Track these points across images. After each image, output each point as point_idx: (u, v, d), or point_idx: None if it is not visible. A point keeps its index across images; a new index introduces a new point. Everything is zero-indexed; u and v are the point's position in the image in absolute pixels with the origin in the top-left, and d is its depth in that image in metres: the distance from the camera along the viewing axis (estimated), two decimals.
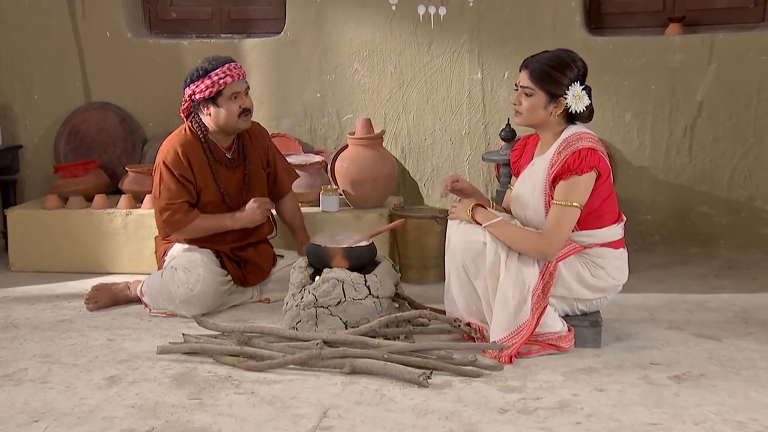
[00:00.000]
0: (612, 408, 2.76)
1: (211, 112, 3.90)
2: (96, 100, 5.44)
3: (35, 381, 3.05)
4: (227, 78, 3.84)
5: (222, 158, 4.02)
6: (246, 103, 3.93)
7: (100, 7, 5.36)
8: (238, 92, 3.89)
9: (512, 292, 3.22)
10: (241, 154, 4.08)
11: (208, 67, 3.86)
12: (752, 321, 3.72)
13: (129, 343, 3.47)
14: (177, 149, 3.91)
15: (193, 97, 3.89)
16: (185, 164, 3.90)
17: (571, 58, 3.35)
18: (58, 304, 4.11)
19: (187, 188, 3.92)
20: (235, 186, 4.06)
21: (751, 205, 4.97)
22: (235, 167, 4.05)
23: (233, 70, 3.87)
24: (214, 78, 3.83)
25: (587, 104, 3.34)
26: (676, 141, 4.96)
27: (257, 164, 4.14)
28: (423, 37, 5.07)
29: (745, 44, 4.84)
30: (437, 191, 5.21)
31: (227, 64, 3.88)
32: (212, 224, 3.97)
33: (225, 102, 3.86)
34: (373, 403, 2.82)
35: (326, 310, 3.46)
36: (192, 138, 3.97)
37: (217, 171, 4.00)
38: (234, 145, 4.07)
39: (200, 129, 3.97)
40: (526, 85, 3.34)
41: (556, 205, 3.23)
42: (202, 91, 3.84)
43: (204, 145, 3.97)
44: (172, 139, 3.99)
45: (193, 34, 5.50)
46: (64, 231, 4.74)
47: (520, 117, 3.39)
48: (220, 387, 2.97)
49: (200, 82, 3.85)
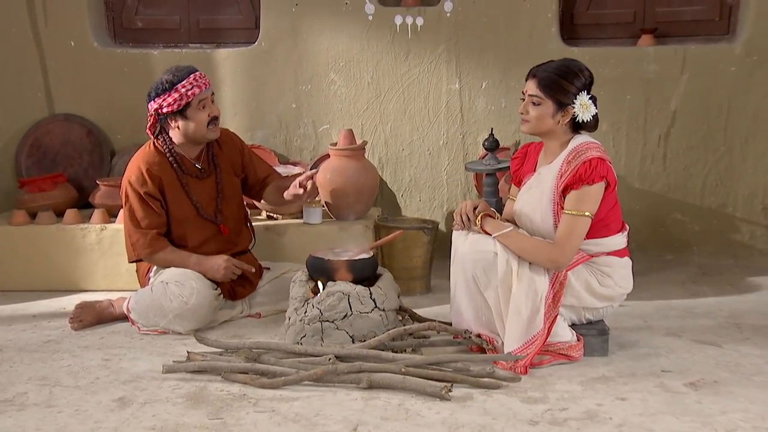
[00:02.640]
0: (640, 417, 2.76)
1: (180, 125, 3.81)
2: (60, 111, 5.25)
3: (39, 405, 2.91)
4: (194, 89, 3.74)
5: (191, 170, 3.93)
6: (214, 111, 3.85)
7: (64, 15, 5.18)
8: (205, 100, 3.80)
9: (525, 302, 3.21)
10: (211, 163, 4.00)
11: (173, 79, 3.74)
12: (744, 326, 3.79)
13: (127, 363, 3.34)
14: (141, 167, 3.84)
15: (159, 111, 3.78)
16: (149, 182, 3.81)
17: (578, 67, 3.36)
18: (38, 324, 3.94)
19: (153, 208, 3.83)
20: (207, 196, 3.97)
21: (723, 212, 5.07)
22: (205, 177, 3.97)
23: (199, 80, 3.78)
24: (181, 90, 3.72)
25: (594, 113, 3.36)
26: (650, 150, 5.04)
27: (229, 172, 4.05)
28: (400, 47, 5.04)
29: (715, 56, 4.94)
30: (415, 202, 5.19)
31: (192, 74, 3.78)
32: (175, 259, 3.88)
33: (193, 112, 3.78)
34: (400, 418, 2.77)
35: (332, 324, 3.40)
36: (157, 154, 3.88)
37: (187, 184, 3.91)
38: (203, 155, 3.98)
39: (165, 143, 3.87)
40: (534, 94, 3.33)
41: (568, 215, 3.23)
42: (170, 104, 3.74)
43: (170, 159, 3.87)
44: (137, 157, 3.90)
45: (160, 43, 5.36)
46: (34, 248, 4.55)
47: (528, 125, 3.39)
48: (237, 406, 2.87)
49: (166, 95, 3.74)
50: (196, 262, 3.87)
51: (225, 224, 4.01)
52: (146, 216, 3.83)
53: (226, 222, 4.02)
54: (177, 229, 3.93)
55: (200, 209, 3.93)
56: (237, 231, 4.10)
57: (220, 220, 3.99)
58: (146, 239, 3.83)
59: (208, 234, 3.98)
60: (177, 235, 3.94)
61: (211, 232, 3.99)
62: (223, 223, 4.00)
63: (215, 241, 3.99)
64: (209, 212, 3.96)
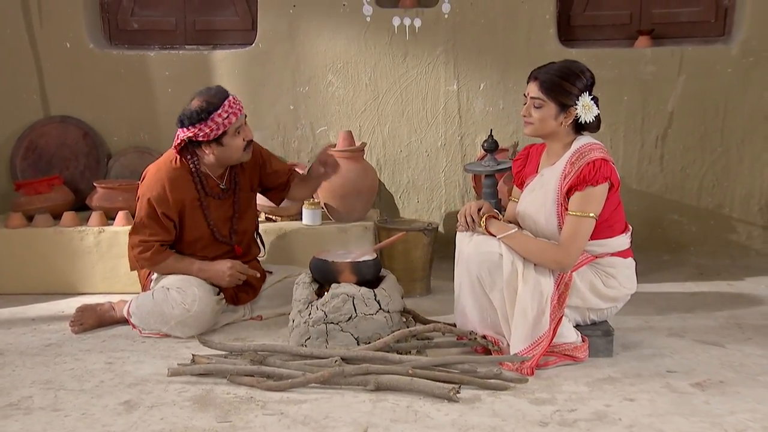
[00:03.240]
0: (649, 418, 2.76)
1: (215, 152, 3.70)
2: (55, 113, 5.22)
3: (45, 409, 2.88)
4: (231, 117, 3.63)
5: (214, 190, 3.85)
6: (248, 135, 3.75)
7: (59, 16, 5.16)
8: (241, 125, 3.71)
9: (531, 304, 3.20)
10: (233, 181, 3.92)
11: (209, 108, 3.60)
12: (746, 327, 3.80)
13: (131, 366, 3.32)
14: (165, 185, 3.71)
15: (195, 139, 3.66)
16: (170, 203, 3.72)
17: (580, 68, 3.37)
18: (37, 327, 3.91)
19: (166, 227, 3.76)
20: (223, 217, 3.90)
21: (719, 212, 5.10)
22: (226, 197, 3.91)
23: (234, 106, 3.66)
24: (217, 120, 3.60)
25: (596, 114, 3.36)
26: (647, 151, 5.06)
27: (246, 190, 3.99)
28: (398, 48, 5.04)
29: (711, 57, 4.97)
30: (413, 203, 5.19)
31: (227, 99, 3.65)
32: (178, 267, 3.80)
33: (230, 139, 3.68)
34: (410, 420, 2.76)
35: (337, 326, 3.38)
36: (183, 171, 3.76)
37: (207, 206, 3.83)
38: (227, 174, 3.90)
39: (193, 162, 3.77)
40: (536, 96, 3.34)
41: (573, 216, 3.24)
42: (207, 135, 3.62)
43: (195, 179, 3.79)
44: (161, 171, 3.76)
45: (156, 45, 5.34)
46: (31, 251, 4.53)
47: (531, 127, 3.39)
48: (245, 408, 2.86)
49: (203, 125, 3.61)
50: (199, 269, 3.80)
51: (239, 245, 3.98)
52: (156, 233, 3.74)
53: (240, 242, 3.99)
54: (190, 246, 3.86)
55: (215, 232, 3.86)
56: (248, 244, 4.08)
57: (234, 240, 3.95)
58: (152, 251, 3.74)
59: (221, 252, 3.94)
60: (189, 250, 3.87)
61: (224, 251, 3.95)
62: (237, 243, 3.96)
63: (226, 257, 3.93)
64: (224, 233, 3.90)
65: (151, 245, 3.75)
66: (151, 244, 3.75)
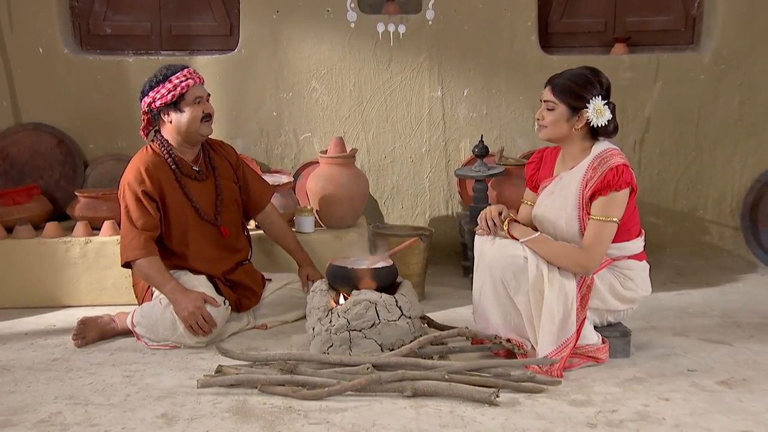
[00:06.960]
0: (691, 417, 2.82)
1: (173, 119, 3.75)
2: (27, 120, 5.05)
3: (81, 424, 2.78)
4: (189, 80, 3.73)
5: (189, 172, 3.86)
6: (208, 109, 3.82)
7: (32, 20, 5.00)
8: (201, 97, 3.77)
9: (557, 306, 3.24)
10: (209, 165, 3.95)
11: (167, 72, 3.74)
12: (743, 325, 3.92)
13: (151, 379, 3.23)
14: (140, 167, 3.74)
15: (152, 105, 3.73)
16: (147, 181, 3.71)
17: (594, 73, 3.44)
18: (34, 342, 3.77)
19: (148, 209, 3.70)
20: (207, 199, 3.89)
21: (694, 215, 5.25)
22: (204, 179, 3.90)
23: (193, 75, 3.77)
24: (174, 81, 3.71)
25: (609, 119, 3.43)
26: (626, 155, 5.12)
27: (227, 177, 4.00)
28: (382, 54, 5.04)
29: (685, 64, 5.12)
30: (397, 209, 5.19)
31: (185, 68, 3.77)
32: (157, 277, 3.66)
33: (188, 106, 3.73)
34: (458, 425, 2.76)
35: (360, 333, 3.36)
36: (155, 155, 3.80)
37: (186, 185, 3.83)
38: (200, 158, 3.92)
39: (163, 145, 3.81)
40: (548, 99, 3.39)
41: (596, 221, 3.29)
42: (164, 96, 3.70)
43: (168, 161, 3.80)
44: (135, 160, 3.81)
45: (130, 51, 5.22)
46: (11, 263, 4.35)
47: (545, 131, 3.44)
48: (288, 418, 2.81)
49: (160, 87, 3.71)
50: (170, 290, 3.65)
51: (225, 227, 3.94)
52: (141, 216, 3.69)
53: (226, 225, 3.95)
54: (178, 233, 3.80)
55: (200, 211, 3.84)
56: (236, 235, 4.04)
57: (220, 222, 3.92)
58: (141, 240, 3.67)
59: (209, 237, 3.89)
60: (178, 240, 3.81)
61: (212, 235, 3.90)
62: (223, 225, 3.93)
63: (216, 247, 3.90)
64: (209, 214, 3.88)
65: (141, 234, 3.67)
66: (141, 233, 3.67)
